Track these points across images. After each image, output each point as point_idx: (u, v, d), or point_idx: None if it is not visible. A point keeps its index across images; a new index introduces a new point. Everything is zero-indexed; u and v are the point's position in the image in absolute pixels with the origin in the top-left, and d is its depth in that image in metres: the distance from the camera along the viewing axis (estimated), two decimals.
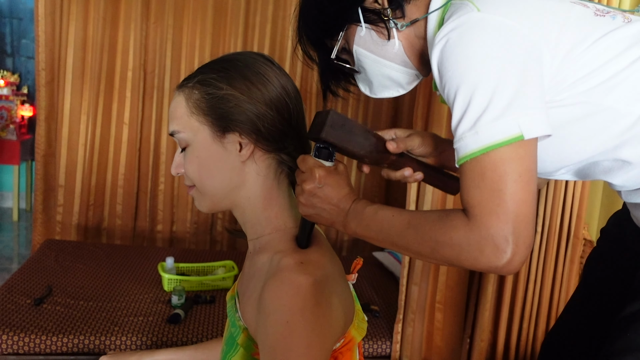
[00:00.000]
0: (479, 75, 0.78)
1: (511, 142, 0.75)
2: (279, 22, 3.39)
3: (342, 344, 0.82)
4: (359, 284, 2.62)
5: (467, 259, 0.75)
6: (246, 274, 0.91)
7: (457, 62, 0.80)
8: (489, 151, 0.75)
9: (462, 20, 0.81)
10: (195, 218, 3.48)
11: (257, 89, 0.83)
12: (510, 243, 0.72)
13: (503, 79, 0.77)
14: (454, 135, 0.81)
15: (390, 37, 0.97)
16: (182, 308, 2.20)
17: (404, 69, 1.01)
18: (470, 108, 0.77)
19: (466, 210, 0.76)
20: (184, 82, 0.86)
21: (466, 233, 0.74)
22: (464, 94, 0.78)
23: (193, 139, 0.84)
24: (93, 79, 3.25)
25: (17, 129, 4.41)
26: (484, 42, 0.79)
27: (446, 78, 0.81)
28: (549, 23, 0.86)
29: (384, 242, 0.83)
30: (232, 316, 0.89)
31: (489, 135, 0.75)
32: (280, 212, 0.87)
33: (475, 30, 0.80)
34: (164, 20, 3.30)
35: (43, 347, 1.95)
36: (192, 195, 0.88)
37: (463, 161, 0.78)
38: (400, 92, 1.06)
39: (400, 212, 0.83)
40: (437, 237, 0.77)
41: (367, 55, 1.00)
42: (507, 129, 0.75)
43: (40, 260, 2.62)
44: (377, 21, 0.96)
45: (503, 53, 0.79)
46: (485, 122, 0.76)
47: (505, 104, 0.76)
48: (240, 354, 0.84)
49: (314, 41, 1.04)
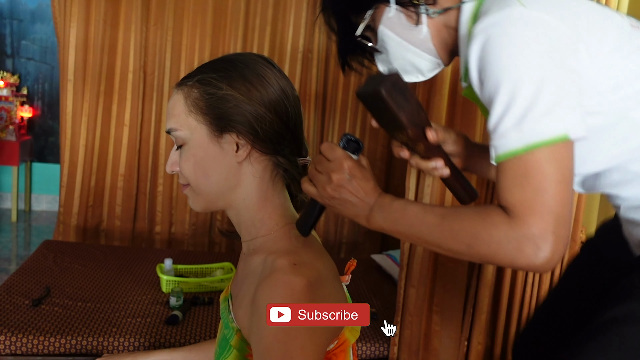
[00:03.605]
0: (523, 72, 0.77)
1: (556, 142, 0.75)
2: (278, 24, 3.40)
3: (335, 345, 0.82)
4: (357, 286, 2.62)
5: (505, 257, 0.75)
6: (240, 276, 0.90)
7: (500, 58, 0.79)
8: (534, 150, 0.75)
9: (505, 14, 0.80)
10: (194, 220, 3.49)
11: (257, 91, 0.82)
12: (550, 243, 0.73)
13: (548, 76, 0.77)
14: (493, 132, 0.80)
15: (419, 23, 0.96)
16: (180, 309, 2.20)
17: (428, 56, 1.00)
18: (514, 105, 0.76)
19: (506, 208, 0.76)
20: (183, 80, 0.86)
21: (507, 231, 0.74)
22: (507, 91, 0.77)
23: (190, 138, 0.83)
24: (93, 81, 3.27)
25: (17, 129, 4.41)
26: (528, 38, 0.78)
27: (488, 73, 0.80)
28: (590, 26, 0.86)
29: (413, 237, 0.83)
30: (225, 318, 0.89)
31: (534, 134, 0.75)
32: (274, 213, 0.87)
33: (520, 25, 0.79)
34: (164, 22, 3.31)
35: (41, 348, 1.95)
36: (187, 194, 0.88)
37: (504, 158, 0.78)
38: (420, 78, 1.05)
39: (431, 207, 0.82)
40: (475, 233, 0.76)
41: (392, 38, 0.99)
42: (553, 127, 0.75)
43: (39, 261, 2.62)
44: (408, 4, 0.95)
45: (548, 50, 0.78)
46: (530, 120, 0.75)
47: (551, 103, 0.75)
48: (233, 355, 0.84)
49: (339, 14, 1.02)
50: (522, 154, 0.76)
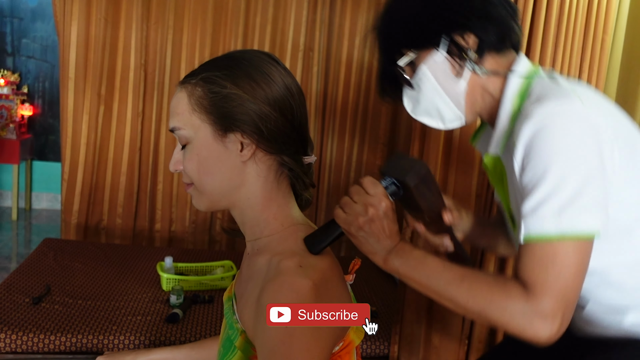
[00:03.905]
0: (572, 167, 0.83)
1: (586, 238, 0.83)
2: (279, 22, 3.40)
3: (341, 347, 0.82)
4: (358, 285, 2.62)
5: (515, 327, 0.82)
6: (244, 275, 0.89)
7: (553, 148, 0.84)
8: (566, 239, 0.82)
9: (565, 107, 0.86)
10: (194, 217, 3.49)
11: (262, 89, 0.81)
12: (557, 324, 0.81)
13: (591, 176, 0.84)
14: (529, 213, 0.85)
15: (460, 75, 1.00)
16: (180, 307, 2.20)
17: (455, 109, 1.04)
18: (558, 195, 0.83)
19: (526, 284, 0.83)
20: (187, 78, 0.84)
21: (523, 305, 0.82)
22: (554, 180, 0.83)
23: (194, 137, 0.82)
24: (95, 79, 3.27)
25: (17, 128, 4.41)
26: (582, 136, 0.85)
27: (537, 157, 0.85)
28: (628, 141, 0.93)
29: (427, 287, 0.88)
30: (230, 318, 0.88)
31: (570, 225, 0.82)
32: (279, 213, 0.86)
33: (577, 122, 0.85)
34: (165, 20, 3.31)
35: (41, 346, 1.95)
36: (190, 193, 0.87)
37: (535, 240, 0.84)
38: (440, 126, 1.09)
39: (450, 264, 0.88)
40: (491, 300, 0.83)
41: (430, 80, 1.02)
42: (588, 224, 0.82)
43: (39, 259, 2.62)
44: (457, 56, 0.99)
45: (596, 152, 0.85)
46: (570, 212, 0.82)
47: (590, 201, 0.83)
48: (237, 356, 0.83)
49: (390, 41, 1.05)
50: (554, 240, 0.83)
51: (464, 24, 0.98)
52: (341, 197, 2.68)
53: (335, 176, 3.59)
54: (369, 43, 1.10)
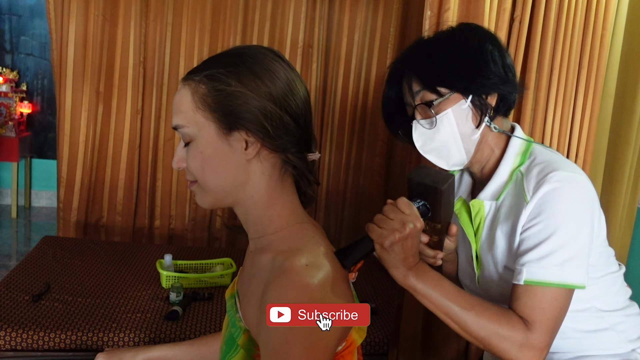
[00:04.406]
0: (577, 230, 1.00)
1: (577, 287, 1.00)
2: (277, 19, 3.39)
3: (343, 347, 0.82)
4: (359, 283, 2.62)
5: (507, 352, 0.97)
6: (247, 273, 0.89)
7: (565, 211, 1.01)
8: (563, 287, 0.99)
9: (575, 177, 1.03)
10: (193, 215, 3.49)
11: (266, 86, 0.79)
12: (544, 354, 0.98)
13: (587, 239, 1.02)
14: (536, 260, 1.00)
15: (478, 127, 1.11)
16: (180, 305, 2.20)
17: (464, 156, 1.13)
18: (563, 250, 0.99)
19: (526, 320, 0.98)
20: (190, 75, 0.83)
21: (522, 338, 0.97)
22: (562, 238, 1.00)
23: (197, 135, 0.81)
24: (93, 77, 3.26)
25: (16, 125, 4.41)
26: (586, 204, 1.03)
27: (549, 215, 1.01)
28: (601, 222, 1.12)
29: (439, 308, 0.99)
30: (233, 316, 0.88)
31: (569, 277, 0.99)
32: (283, 211, 0.85)
33: (583, 192, 1.03)
34: (163, 17, 3.30)
35: (41, 344, 1.95)
36: (193, 191, 0.86)
37: (537, 284, 0.99)
38: (444, 166, 1.17)
39: (464, 292, 1.01)
40: (496, 329, 0.97)
41: (452, 124, 1.10)
42: (581, 277, 1.00)
43: (39, 257, 2.62)
44: (480, 109, 1.09)
45: (591, 218, 1.03)
46: (570, 266, 0.99)
47: (583, 258, 1.01)
48: (240, 355, 0.83)
49: (428, 76, 1.10)
50: (553, 287, 0.99)
51: (496, 87, 1.09)
52: (340, 194, 2.70)
53: (334, 173, 3.59)
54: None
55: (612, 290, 1.17)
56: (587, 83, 1.83)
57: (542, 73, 1.81)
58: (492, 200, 1.13)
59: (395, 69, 1.17)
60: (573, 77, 1.83)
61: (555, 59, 1.81)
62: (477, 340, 0.99)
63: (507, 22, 1.80)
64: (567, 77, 1.82)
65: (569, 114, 1.85)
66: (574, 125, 1.86)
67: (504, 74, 1.10)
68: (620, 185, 2.06)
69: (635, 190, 2.14)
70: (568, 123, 1.85)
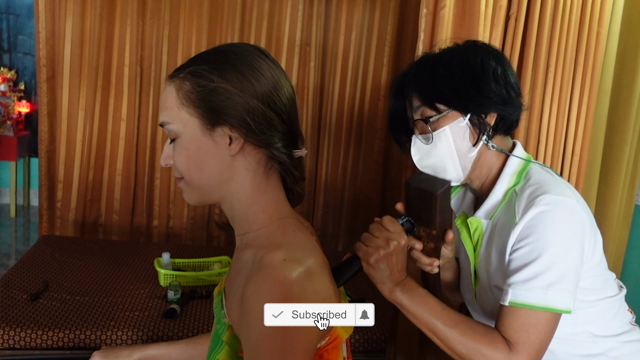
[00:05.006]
0: (562, 254, 1.00)
1: (561, 312, 1.00)
2: (275, 17, 3.39)
3: (327, 341, 0.82)
4: (354, 280, 2.62)
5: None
6: (233, 270, 0.89)
7: (552, 234, 1.00)
8: (547, 310, 0.99)
9: (564, 201, 1.02)
10: (192, 214, 3.49)
11: (250, 83, 0.80)
12: None
13: (574, 264, 1.02)
14: (521, 282, 1.00)
15: (475, 145, 1.11)
16: (178, 303, 2.21)
17: (460, 172, 1.14)
18: (549, 274, 0.99)
19: (509, 341, 0.99)
20: (175, 72, 0.84)
21: (503, 358, 0.97)
22: (547, 261, 1.00)
23: (182, 131, 0.82)
24: (90, 75, 3.26)
25: (14, 125, 4.41)
26: (573, 229, 1.02)
27: (536, 238, 1.01)
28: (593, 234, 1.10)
29: (424, 324, 1.01)
30: (218, 313, 0.88)
31: (554, 301, 0.99)
32: (267, 207, 0.86)
33: (571, 217, 1.02)
34: (161, 16, 3.30)
35: (39, 342, 1.95)
36: (181, 187, 0.87)
37: (521, 306, 0.99)
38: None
39: (449, 309, 1.03)
40: (479, 348, 0.98)
41: (449, 141, 1.10)
42: (565, 302, 0.99)
43: (37, 255, 2.63)
44: (477, 128, 1.10)
45: (579, 243, 1.03)
46: (555, 289, 0.99)
47: (570, 283, 1.00)
48: (225, 351, 0.83)
49: (421, 94, 1.11)
50: (538, 309, 0.99)
51: (496, 106, 1.09)
52: (339, 191, 2.70)
53: (332, 171, 3.59)
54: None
55: (608, 315, 1.16)
56: (583, 80, 1.84)
57: (537, 70, 1.81)
58: (486, 219, 1.14)
59: (399, 82, 1.18)
60: (569, 74, 1.83)
61: (551, 56, 1.81)
62: (459, 358, 1.00)
63: (503, 20, 1.80)
64: (563, 74, 1.83)
65: (565, 111, 1.85)
66: (570, 122, 1.86)
67: (506, 93, 1.09)
68: (617, 183, 2.06)
69: (632, 187, 2.14)
70: (564, 120, 1.86)
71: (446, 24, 1.76)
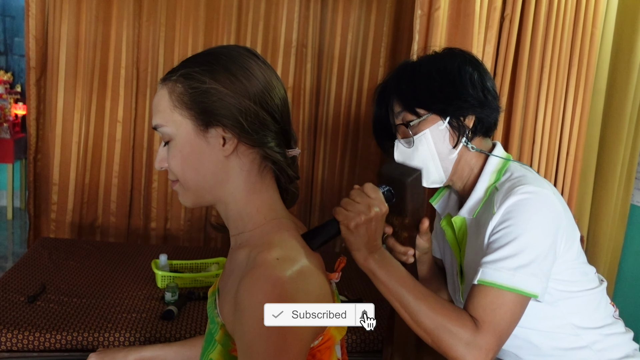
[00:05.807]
0: (536, 240, 1.03)
1: (528, 295, 1.02)
2: (271, 19, 3.40)
3: (320, 342, 0.82)
4: (352, 280, 2.63)
5: (454, 349, 0.99)
6: (227, 270, 0.90)
7: (526, 221, 1.04)
8: (514, 291, 1.01)
9: (541, 191, 1.06)
10: (189, 215, 3.49)
11: (241, 83, 0.81)
12: (489, 356, 0.99)
13: (546, 252, 1.04)
14: (491, 262, 1.03)
15: (455, 147, 1.16)
16: (175, 304, 2.21)
17: (442, 174, 1.18)
18: (518, 257, 1.02)
19: (476, 320, 1.00)
20: (167, 75, 0.85)
21: (470, 336, 0.98)
22: (520, 245, 1.02)
23: (176, 133, 0.82)
24: (86, 77, 3.25)
25: (11, 127, 4.40)
26: (547, 218, 1.06)
27: (511, 225, 1.04)
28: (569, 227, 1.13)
29: (393, 294, 1.02)
30: (211, 312, 0.89)
31: (521, 283, 1.01)
32: (262, 207, 0.86)
33: (546, 206, 1.06)
34: (157, 18, 3.30)
35: (37, 344, 1.95)
36: (176, 190, 0.87)
37: (489, 284, 1.02)
38: (422, 183, 1.19)
39: (420, 284, 1.04)
40: (446, 323, 0.99)
41: (429, 144, 1.15)
42: (533, 286, 1.02)
43: (34, 258, 2.63)
44: (457, 130, 1.14)
45: (553, 233, 1.06)
46: (523, 272, 1.01)
47: (539, 269, 1.03)
48: (218, 350, 0.83)
49: (408, 97, 1.16)
50: (505, 289, 1.01)
51: (474, 109, 1.14)
52: (335, 192, 2.71)
53: (329, 171, 3.60)
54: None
55: (591, 307, 1.18)
56: (577, 80, 1.85)
57: (532, 71, 1.82)
58: (469, 216, 1.18)
59: (380, 90, 1.23)
60: (563, 74, 1.84)
61: (545, 56, 1.82)
62: (425, 333, 1.01)
63: (498, 20, 1.81)
64: (558, 74, 1.84)
65: (560, 111, 1.86)
66: (565, 122, 1.87)
67: (483, 96, 1.14)
68: (612, 183, 2.07)
69: (627, 187, 2.15)
70: (559, 120, 1.87)
71: (441, 26, 1.76)
